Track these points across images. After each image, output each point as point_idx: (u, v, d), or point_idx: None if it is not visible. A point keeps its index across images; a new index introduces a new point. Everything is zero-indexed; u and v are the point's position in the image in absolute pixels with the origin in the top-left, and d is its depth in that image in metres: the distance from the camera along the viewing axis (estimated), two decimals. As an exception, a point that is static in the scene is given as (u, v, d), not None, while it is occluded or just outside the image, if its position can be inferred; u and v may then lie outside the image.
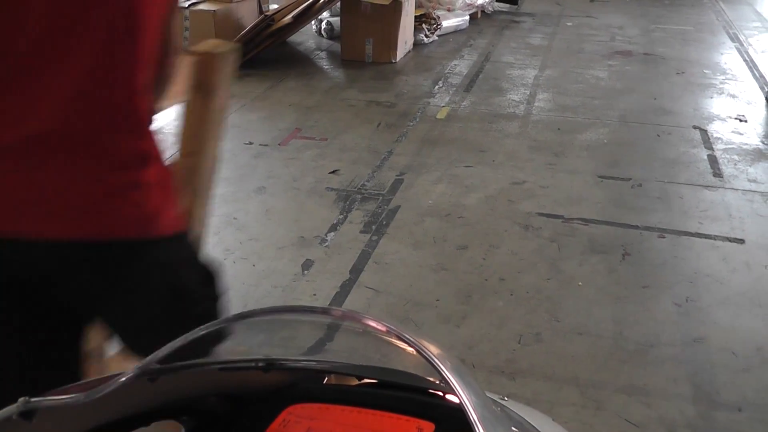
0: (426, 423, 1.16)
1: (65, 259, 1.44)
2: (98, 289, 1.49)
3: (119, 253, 1.47)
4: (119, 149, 1.46)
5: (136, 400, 1.20)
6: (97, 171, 1.43)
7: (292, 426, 1.19)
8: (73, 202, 1.41)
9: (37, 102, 1.37)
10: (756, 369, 2.91)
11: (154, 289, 1.54)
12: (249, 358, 1.26)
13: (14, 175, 1.39)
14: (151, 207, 1.51)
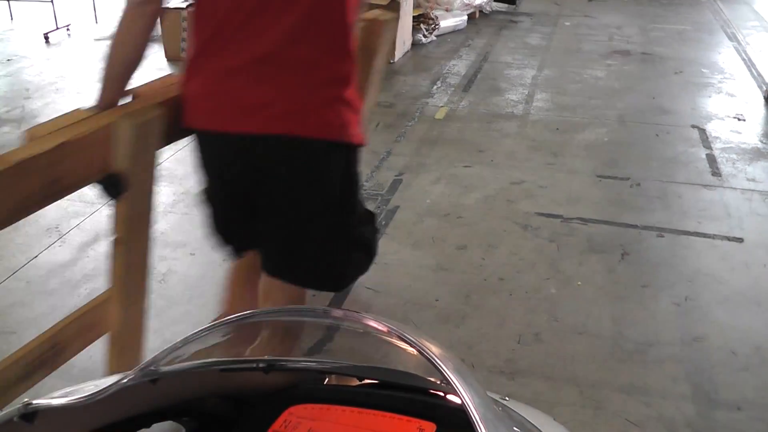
0: (427, 423, 1.16)
1: (280, 149, 1.93)
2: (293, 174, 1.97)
3: (319, 148, 1.94)
4: (329, 70, 1.92)
5: (137, 402, 1.20)
6: (311, 85, 1.90)
7: (293, 427, 1.19)
8: (291, 108, 1.89)
9: (265, 33, 1.85)
10: (755, 368, 2.91)
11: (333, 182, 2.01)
12: (250, 360, 1.26)
13: (244, 88, 1.89)
14: (346, 118, 1.96)
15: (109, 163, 1.93)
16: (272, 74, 1.88)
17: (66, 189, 1.91)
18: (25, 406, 1.04)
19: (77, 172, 1.90)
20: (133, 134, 1.91)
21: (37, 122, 5.36)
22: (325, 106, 1.93)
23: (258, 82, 1.89)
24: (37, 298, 3.31)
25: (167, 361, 1.09)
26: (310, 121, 1.91)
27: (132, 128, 1.91)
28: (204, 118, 1.98)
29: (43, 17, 8.18)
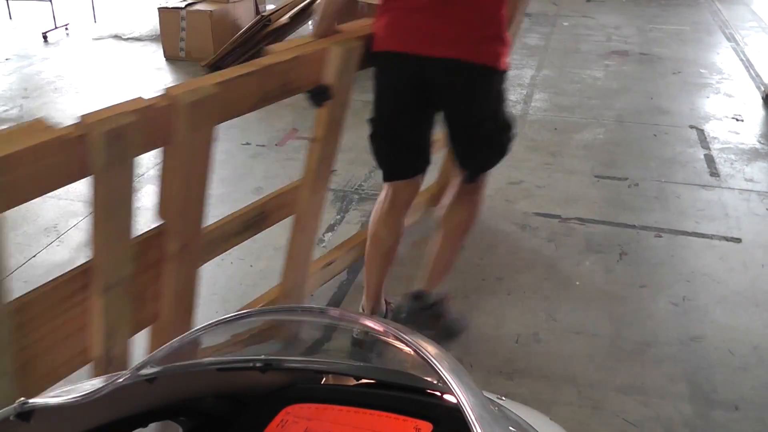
0: (423, 423, 1.16)
1: (452, 70, 2.48)
2: (460, 91, 2.53)
3: (480, 71, 2.49)
4: (492, 12, 2.45)
5: (134, 401, 1.20)
6: (479, 23, 2.44)
7: (290, 426, 1.19)
8: (464, 39, 2.44)
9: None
10: (753, 368, 2.91)
11: (488, 100, 2.59)
12: (247, 359, 1.26)
13: (427, 22, 2.45)
14: (501, 51, 2.51)
15: (321, 77, 2.58)
16: (449, 13, 2.42)
17: (291, 91, 2.54)
18: (21, 405, 1.04)
19: (300, 79, 2.51)
20: (340, 57, 2.54)
21: (36, 122, 5.36)
22: (488, 40, 2.49)
23: (437, 18, 2.43)
24: (35, 297, 3.30)
25: (164, 360, 1.09)
26: (477, 51, 2.46)
27: (340, 52, 2.53)
28: (393, 43, 2.55)
29: (41, 16, 8.18)
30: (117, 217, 2.05)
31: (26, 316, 2.00)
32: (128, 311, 2.23)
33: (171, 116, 2.09)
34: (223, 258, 3.56)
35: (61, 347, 2.14)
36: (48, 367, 2.12)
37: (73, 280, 2.09)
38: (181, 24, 6.87)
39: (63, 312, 2.09)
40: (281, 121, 5.37)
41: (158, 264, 2.30)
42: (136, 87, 6.21)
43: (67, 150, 1.82)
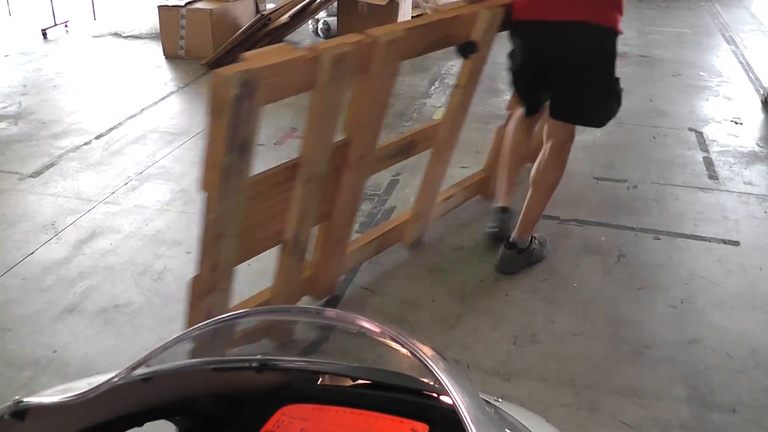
0: (420, 424, 1.16)
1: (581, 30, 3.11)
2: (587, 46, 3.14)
3: (604, 31, 3.12)
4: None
5: (129, 401, 1.20)
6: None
7: (286, 426, 1.18)
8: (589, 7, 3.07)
9: None
10: (750, 370, 2.91)
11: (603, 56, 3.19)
12: (243, 359, 1.26)
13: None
14: (617, 16, 3.13)
15: (470, 34, 3.22)
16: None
17: (448, 42, 3.19)
18: (16, 403, 1.04)
19: (455, 34, 3.17)
20: (488, 19, 3.17)
21: (34, 118, 5.39)
22: (608, 6, 3.10)
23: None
24: (33, 295, 3.30)
25: (159, 359, 1.09)
26: (600, 15, 3.08)
27: (488, 15, 3.16)
28: (528, 12, 3.22)
29: (41, 13, 8.17)
30: (325, 125, 2.68)
31: (253, 192, 2.58)
32: (316, 205, 2.86)
33: (373, 50, 2.69)
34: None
35: (265, 226, 2.75)
36: (252, 240, 2.73)
37: (284, 171, 2.73)
38: (181, 22, 6.87)
39: (273, 196, 2.71)
40: (280, 121, 5.37)
41: (338, 170, 2.92)
42: (136, 85, 6.21)
43: (306, 66, 2.44)
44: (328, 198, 2.95)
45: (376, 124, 2.96)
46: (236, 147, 2.36)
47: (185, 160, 4.73)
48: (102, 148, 4.88)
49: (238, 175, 2.43)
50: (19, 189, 4.29)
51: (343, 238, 3.19)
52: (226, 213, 2.46)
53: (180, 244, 3.71)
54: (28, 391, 1.12)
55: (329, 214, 3.02)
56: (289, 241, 2.83)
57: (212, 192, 2.41)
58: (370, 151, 3.00)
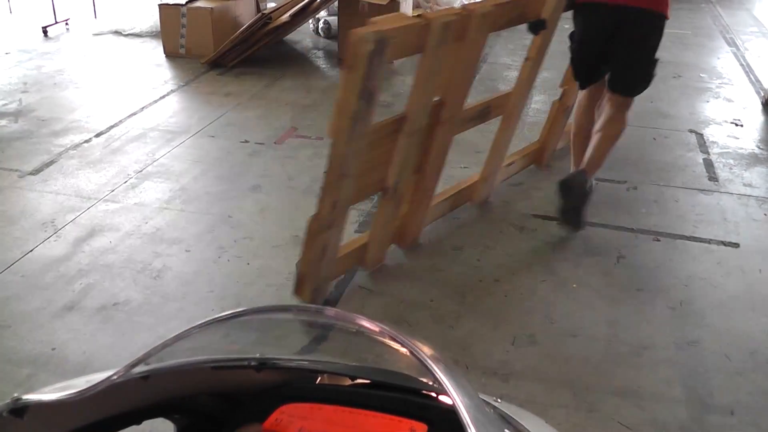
0: (419, 424, 1.16)
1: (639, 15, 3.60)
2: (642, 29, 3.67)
3: (657, 16, 3.63)
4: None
5: (128, 398, 1.19)
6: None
7: (285, 425, 1.18)
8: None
9: None
10: (749, 373, 2.91)
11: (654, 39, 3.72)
12: (242, 357, 1.26)
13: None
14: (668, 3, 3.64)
15: (541, 13, 3.71)
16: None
17: (522, 20, 3.67)
18: (14, 401, 1.04)
19: (528, 13, 3.66)
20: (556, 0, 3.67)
21: (35, 116, 5.39)
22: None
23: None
24: (32, 292, 3.30)
25: (159, 357, 1.09)
26: (658, 3, 3.60)
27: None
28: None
29: (42, 11, 8.17)
30: (429, 84, 3.12)
31: (369, 139, 2.94)
32: (414, 156, 3.29)
33: (469, 21, 3.14)
34: (219, 256, 3.57)
35: (372, 173, 3.15)
36: (362, 185, 3.12)
37: (391, 124, 3.13)
38: (182, 21, 6.87)
39: (380, 146, 3.09)
40: (280, 120, 5.37)
41: (432, 127, 3.33)
42: (136, 83, 6.20)
43: (420, 31, 2.91)
44: (422, 152, 3.38)
45: (466, 86, 3.44)
46: (365, 96, 2.76)
47: (185, 158, 4.73)
48: (102, 146, 4.88)
49: (363, 121, 2.83)
50: (19, 186, 4.29)
51: (430, 190, 3.64)
52: (349, 155, 2.86)
53: (179, 243, 3.71)
54: (26, 389, 1.12)
55: (421, 167, 3.45)
56: (390, 188, 3.28)
57: (340, 136, 2.79)
58: (459, 111, 3.48)
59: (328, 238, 3.06)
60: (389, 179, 3.24)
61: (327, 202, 2.94)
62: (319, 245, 3.04)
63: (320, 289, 3.21)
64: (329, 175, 2.86)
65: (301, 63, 6.96)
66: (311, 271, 3.12)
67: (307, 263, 3.10)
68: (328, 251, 3.13)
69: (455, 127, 3.53)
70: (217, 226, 3.88)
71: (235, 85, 6.15)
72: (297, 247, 3.67)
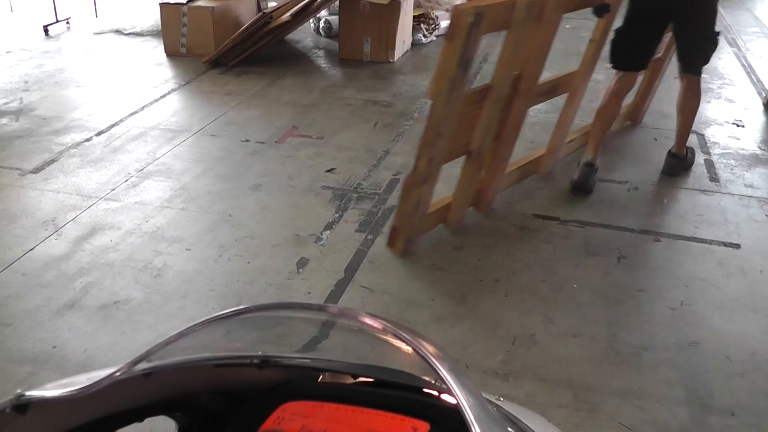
0: (421, 422, 1.16)
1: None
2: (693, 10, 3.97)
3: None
4: None
5: (130, 396, 1.19)
6: None
7: (287, 423, 1.18)
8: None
9: None
10: (750, 374, 2.91)
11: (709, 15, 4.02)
12: (244, 355, 1.26)
13: None
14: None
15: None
16: None
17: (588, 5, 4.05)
18: (17, 397, 1.04)
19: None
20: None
21: (36, 115, 5.39)
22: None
23: None
24: (33, 290, 3.30)
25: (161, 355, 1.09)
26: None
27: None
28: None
29: (43, 10, 8.17)
30: (512, 57, 3.50)
31: (461, 104, 3.28)
32: (494, 124, 3.68)
33: (546, 2, 3.53)
34: (220, 255, 3.57)
35: (460, 136, 3.51)
36: (453, 146, 3.50)
37: (479, 92, 3.49)
38: (183, 20, 6.86)
39: (468, 111, 3.42)
40: (281, 119, 5.37)
41: (511, 98, 3.69)
42: (137, 82, 6.20)
43: (508, 9, 3.28)
44: (501, 120, 3.75)
45: (541, 62, 3.84)
46: (463, 63, 3.12)
47: (186, 157, 4.72)
48: (103, 145, 4.88)
49: (460, 85, 3.20)
50: (19, 185, 4.29)
51: (506, 158, 4.03)
52: (446, 116, 3.23)
53: (180, 241, 3.71)
54: (27, 387, 1.12)
55: (499, 135, 3.81)
56: (474, 151, 3.67)
57: (438, 99, 3.18)
58: (534, 83, 3.87)
59: (422, 193, 3.47)
60: (474, 143, 3.63)
61: (423, 159, 3.33)
62: (414, 199, 3.45)
63: (411, 242, 3.63)
64: (427, 134, 3.26)
65: (302, 62, 6.96)
66: (405, 224, 3.56)
67: (401, 216, 3.55)
68: (421, 206, 3.55)
69: (530, 100, 3.93)
70: (218, 225, 3.88)
71: (236, 84, 6.15)
72: (298, 246, 3.68)
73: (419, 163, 3.34)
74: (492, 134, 3.72)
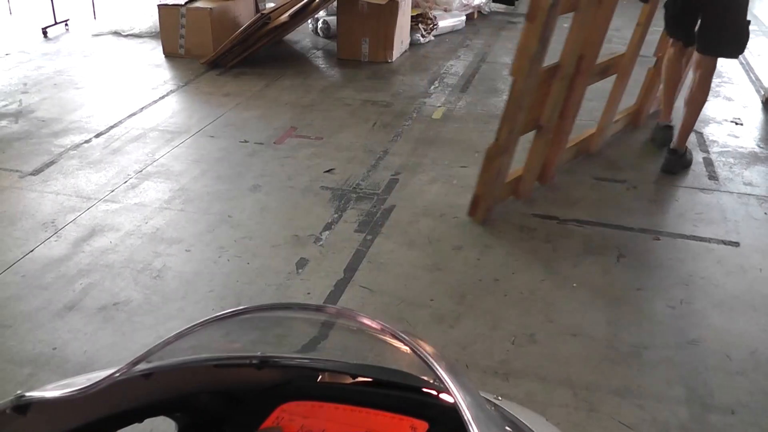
0: (419, 422, 1.16)
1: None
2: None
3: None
4: None
5: (130, 397, 1.20)
6: None
7: (286, 423, 1.19)
8: None
9: None
10: (750, 372, 2.91)
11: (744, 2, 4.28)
12: (243, 355, 1.26)
13: None
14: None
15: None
16: None
17: None
18: (17, 398, 1.04)
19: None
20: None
21: (35, 117, 5.39)
22: None
23: None
24: (32, 292, 3.30)
25: (160, 355, 1.09)
26: None
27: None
28: None
29: (41, 12, 8.17)
30: (578, 36, 3.83)
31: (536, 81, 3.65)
32: (560, 101, 4.01)
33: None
34: (219, 255, 3.57)
35: (534, 111, 3.84)
36: (528, 119, 3.81)
37: (550, 70, 3.79)
38: (181, 21, 6.86)
39: (541, 88, 3.75)
40: (279, 120, 5.37)
41: (572, 78, 4.00)
42: (135, 83, 6.20)
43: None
44: (566, 98, 4.06)
45: (600, 43, 4.13)
46: (542, 41, 3.45)
47: (185, 158, 4.73)
48: (102, 147, 4.88)
49: (539, 62, 3.54)
50: (19, 187, 4.29)
51: (568, 132, 4.32)
52: (526, 90, 3.56)
53: (179, 242, 3.71)
54: (27, 388, 1.12)
55: (563, 111, 4.11)
56: (544, 126, 4.00)
57: (520, 74, 3.51)
58: (593, 63, 4.18)
59: (502, 162, 3.80)
60: (543, 118, 3.96)
61: (505, 130, 3.68)
62: (495, 168, 3.78)
63: (491, 209, 3.98)
64: (509, 107, 3.62)
65: (301, 63, 6.96)
66: (486, 192, 3.88)
67: (483, 185, 3.87)
68: (501, 175, 3.89)
69: (588, 78, 4.20)
70: (217, 225, 3.88)
71: (235, 85, 6.15)
72: (297, 246, 3.68)
73: (501, 134, 3.69)
74: (558, 110, 4.06)
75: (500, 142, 3.70)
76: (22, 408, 1.04)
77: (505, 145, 3.72)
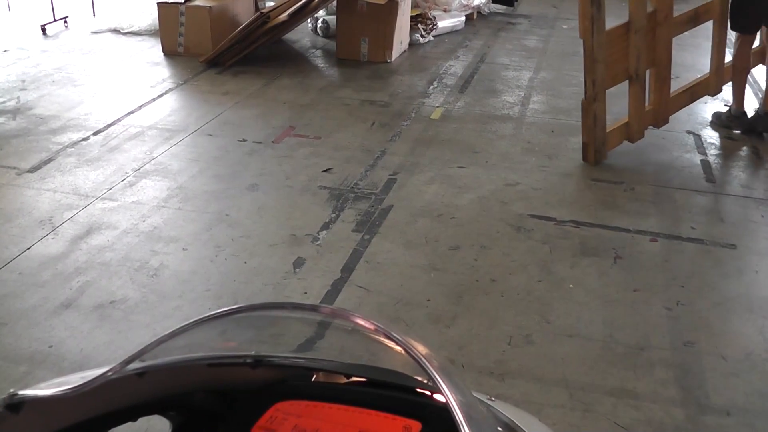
0: (413, 422, 1.16)
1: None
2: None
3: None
4: None
5: (124, 395, 1.20)
6: None
7: (279, 422, 1.19)
8: None
9: None
10: (745, 373, 2.91)
11: None
12: (237, 355, 1.26)
13: None
14: None
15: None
16: None
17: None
18: (10, 396, 1.04)
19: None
20: None
21: (33, 114, 5.39)
22: None
23: None
24: (29, 290, 3.30)
25: (154, 354, 1.09)
26: None
27: None
28: None
29: (40, 9, 8.16)
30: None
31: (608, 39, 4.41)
32: (644, 50, 4.66)
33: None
34: (216, 254, 3.57)
35: (618, 65, 4.58)
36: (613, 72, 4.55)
37: (622, 27, 4.52)
38: (180, 19, 6.86)
39: (619, 43, 4.51)
40: (278, 119, 5.37)
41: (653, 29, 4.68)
42: (134, 81, 6.20)
43: None
44: (651, 48, 4.70)
45: None
46: (596, 4, 4.26)
47: (183, 156, 4.73)
48: (100, 144, 4.88)
49: (598, 21, 4.31)
50: (16, 184, 4.29)
51: (666, 77, 4.96)
52: (596, 46, 4.35)
53: (176, 241, 3.71)
54: (23, 386, 1.12)
55: (654, 60, 4.78)
56: (633, 75, 4.66)
57: (587, 34, 4.33)
58: (669, 15, 4.76)
59: (595, 109, 4.52)
60: (630, 68, 4.62)
61: (589, 82, 4.47)
62: (591, 115, 4.54)
63: (600, 152, 4.68)
64: (586, 62, 4.42)
65: (300, 62, 6.96)
66: (590, 138, 4.62)
67: (586, 132, 4.63)
68: (598, 120, 4.58)
69: (671, 28, 4.81)
70: (215, 224, 3.88)
71: (233, 83, 6.15)
72: (294, 246, 3.68)
73: (587, 86, 4.48)
74: (645, 60, 4.68)
75: (588, 93, 4.48)
76: (15, 406, 1.04)
77: (593, 95, 4.47)
